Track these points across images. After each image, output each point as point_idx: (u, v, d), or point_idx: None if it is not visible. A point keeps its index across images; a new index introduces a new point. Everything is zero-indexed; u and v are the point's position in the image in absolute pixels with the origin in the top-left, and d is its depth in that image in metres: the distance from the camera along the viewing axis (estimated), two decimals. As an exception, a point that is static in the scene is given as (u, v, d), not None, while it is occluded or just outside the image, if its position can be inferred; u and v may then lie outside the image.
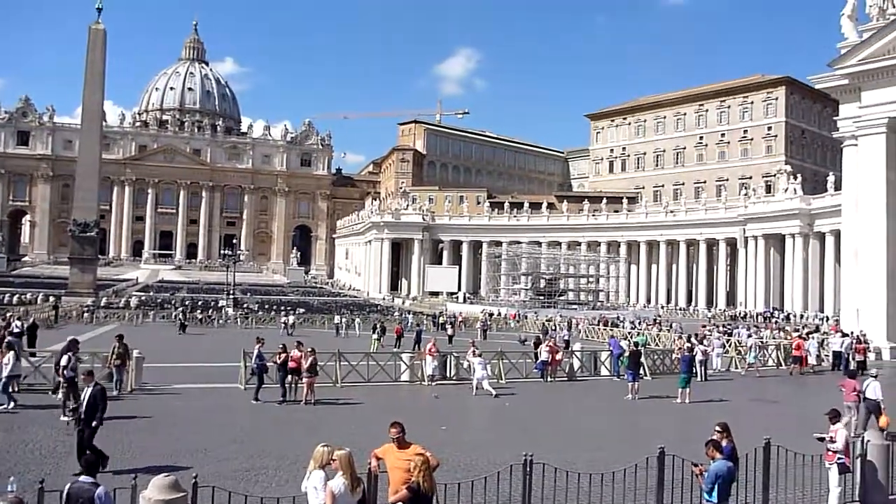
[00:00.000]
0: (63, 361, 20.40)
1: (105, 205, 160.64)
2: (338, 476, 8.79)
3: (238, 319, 64.23)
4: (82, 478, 8.97)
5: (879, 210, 43.61)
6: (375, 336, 44.05)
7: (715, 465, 10.63)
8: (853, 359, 36.16)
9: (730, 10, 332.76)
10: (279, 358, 23.58)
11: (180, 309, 62.36)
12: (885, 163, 43.52)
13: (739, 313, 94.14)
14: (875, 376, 21.37)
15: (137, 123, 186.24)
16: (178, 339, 50.01)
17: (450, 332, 51.77)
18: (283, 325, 58.05)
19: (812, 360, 37.76)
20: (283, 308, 79.48)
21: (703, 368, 32.12)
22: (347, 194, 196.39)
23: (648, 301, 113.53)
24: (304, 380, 23.19)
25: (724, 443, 11.96)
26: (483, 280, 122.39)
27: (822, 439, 13.73)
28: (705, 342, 35.13)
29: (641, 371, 32.59)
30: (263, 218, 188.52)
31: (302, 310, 75.60)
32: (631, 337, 41.75)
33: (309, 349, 24.16)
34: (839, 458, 13.38)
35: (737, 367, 36.86)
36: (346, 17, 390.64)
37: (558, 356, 31.31)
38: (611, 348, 33.67)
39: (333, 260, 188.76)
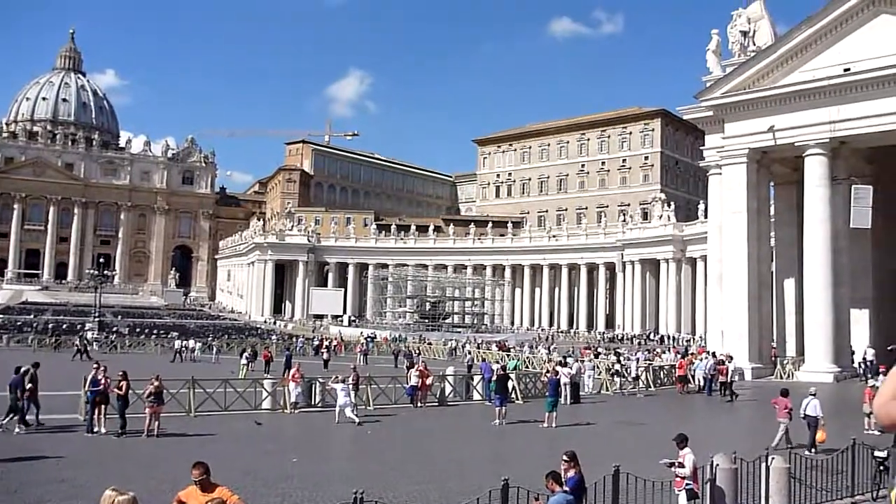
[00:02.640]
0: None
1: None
2: (120, 527, 7.61)
3: (96, 344, 59.05)
4: None
5: (741, 236, 45.45)
6: (244, 361, 42.07)
7: (554, 499, 10.07)
8: (716, 380, 37.26)
9: (611, 42, 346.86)
10: (122, 386, 21.73)
11: (81, 333, 58.61)
12: (745, 191, 45.45)
13: (618, 336, 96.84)
14: (814, 394, 22.30)
15: (4, 134, 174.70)
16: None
17: (325, 356, 50.22)
18: (178, 350, 54.26)
19: (696, 380, 38.51)
20: (158, 331, 75.81)
21: (571, 391, 32.12)
22: (232, 214, 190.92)
23: (532, 324, 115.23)
24: (147, 409, 21.43)
25: (570, 473, 11.47)
26: (369, 303, 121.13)
27: (670, 465, 13.50)
28: (575, 365, 35.24)
29: (513, 395, 32.46)
30: (141, 237, 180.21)
31: (175, 333, 72.08)
32: (507, 359, 41.60)
33: (154, 375, 22.43)
34: (687, 484, 13.17)
35: (607, 390, 37.29)
36: (236, 34, 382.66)
37: (428, 381, 30.59)
38: (482, 372, 33.25)
39: (215, 282, 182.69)
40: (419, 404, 30.13)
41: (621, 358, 41.78)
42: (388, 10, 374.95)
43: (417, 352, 51.50)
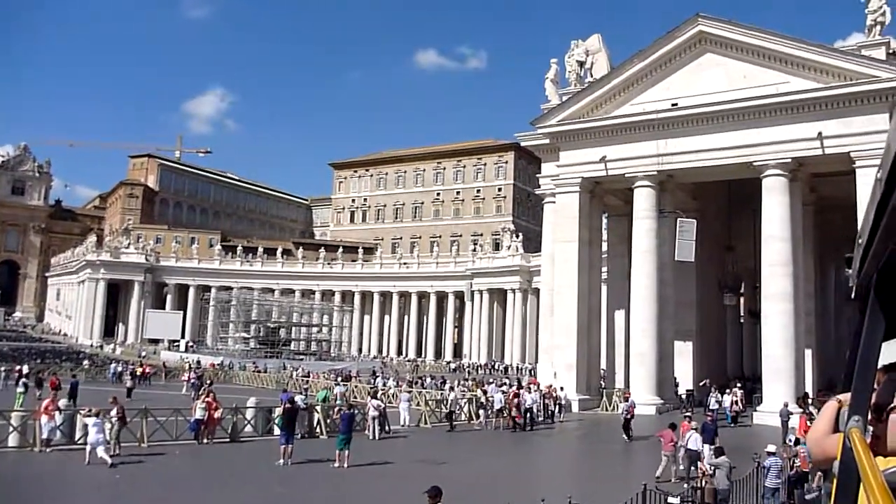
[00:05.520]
0: None
1: None
2: None
3: None
4: None
5: (572, 266, 44.93)
6: (21, 389, 36.84)
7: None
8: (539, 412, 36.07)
9: (475, 76, 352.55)
10: None
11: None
12: (578, 220, 45.07)
13: (463, 365, 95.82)
14: (695, 428, 22.76)
15: None
16: None
17: (129, 384, 45.21)
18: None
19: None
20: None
21: (378, 424, 29.71)
22: (67, 229, 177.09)
23: (379, 352, 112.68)
24: None
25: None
26: (209, 327, 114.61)
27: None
28: (383, 397, 32.95)
29: (318, 430, 29.90)
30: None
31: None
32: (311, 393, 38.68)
33: None
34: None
35: (426, 423, 35.17)
36: (88, 41, 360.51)
37: (217, 413, 27.30)
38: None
39: (45, 302, 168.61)
40: (205, 440, 26.77)
41: (487, 390, 39.97)
42: (253, 28, 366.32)
43: (209, 380, 44.40)
